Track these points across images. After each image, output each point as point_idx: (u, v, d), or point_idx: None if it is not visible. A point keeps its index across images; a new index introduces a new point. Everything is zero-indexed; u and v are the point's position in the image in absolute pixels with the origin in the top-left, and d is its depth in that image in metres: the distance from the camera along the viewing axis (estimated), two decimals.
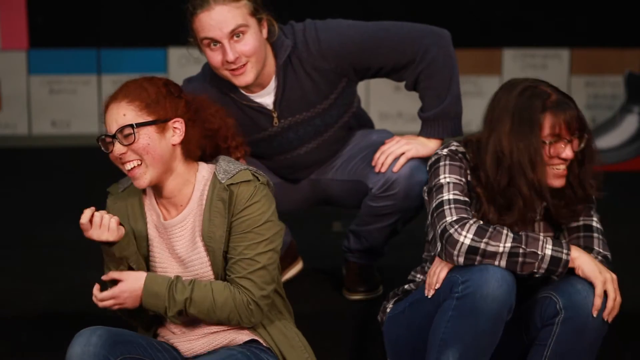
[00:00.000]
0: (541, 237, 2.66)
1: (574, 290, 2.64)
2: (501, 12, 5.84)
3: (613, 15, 5.90)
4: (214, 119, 2.81)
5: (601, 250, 2.81)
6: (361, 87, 5.12)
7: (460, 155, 2.79)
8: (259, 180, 2.71)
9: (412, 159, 3.15)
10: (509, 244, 2.62)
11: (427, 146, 3.17)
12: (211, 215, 2.70)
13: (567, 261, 2.64)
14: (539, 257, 2.63)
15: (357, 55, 3.13)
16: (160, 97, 2.72)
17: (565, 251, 2.65)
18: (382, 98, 5.79)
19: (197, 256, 2.74)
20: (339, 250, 3.47)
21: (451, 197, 2.72)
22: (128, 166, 2.69)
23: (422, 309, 2.73)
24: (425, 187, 2.88)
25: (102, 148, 2.72)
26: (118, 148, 2.67)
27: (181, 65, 6.29)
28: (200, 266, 2.74)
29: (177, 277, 2.70)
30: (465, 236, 2.63)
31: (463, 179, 2.76)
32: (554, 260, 2.64)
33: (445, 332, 2.62)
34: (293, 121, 3.18)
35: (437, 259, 2.73)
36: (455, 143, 2.83)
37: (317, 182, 3.33)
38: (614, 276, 2.68)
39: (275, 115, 3.16)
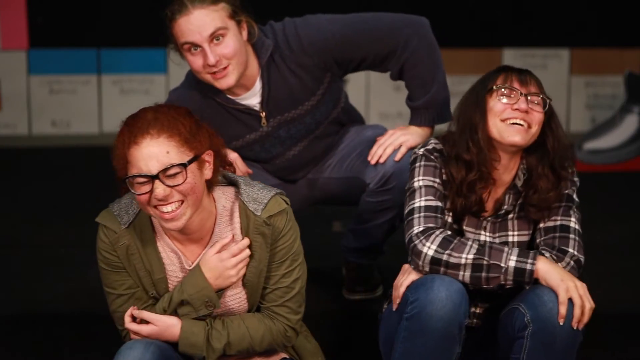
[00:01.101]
0: (506, 249, 2.64)
1: (540, 302, 2.61)
2: (501, 12, 5.83)
3: (613, 15, 5.90)
4: (217, 140, 2.60)
5: (575, 253, 2.75)
6: (361, 87, 5.10)
7: (435, 154, 2.80)
8: (287, 204, 2.61)
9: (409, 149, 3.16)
10: (471, 256, 2.62)
11: (421, 135, 3.20)
12: (252, 250, 2.57)
13: (532, 272, 2.63)
14: (503, 269, 2.62)
15: (338, 48, 3.14)
16: (194, 130, 2.48)
17: (530, 261, 2.63)
18: (382, 98, 5.79)
19: (232, 292, 2.62)
20: (339, 250, 3.47)
21: (422, 204, 2.73)
22: (168, 208, 2.44)
23: (392, 319, 2.74)
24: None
25: (132, 189, 2.43)
26: (161, 190, 2.40)
27: (181, 65, 6.29)
28: (237, 301, 2.64)
29: (211, 322, 2.58)
30: (429, 247, 2.65)
31: (437, 180, 2.77)
32: (519, 271, 2.62)
33: (400, 352, 2.63)
34: (282, 120, 3.18)
35: (402, 269, 2.76)
36: (433, 140, 2.84)
37: (315, 182, 3.33)
38: (579, 283, 2.64)
39: (263, 115, 3.16)
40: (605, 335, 3.32)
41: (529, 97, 2.70)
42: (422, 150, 2.81)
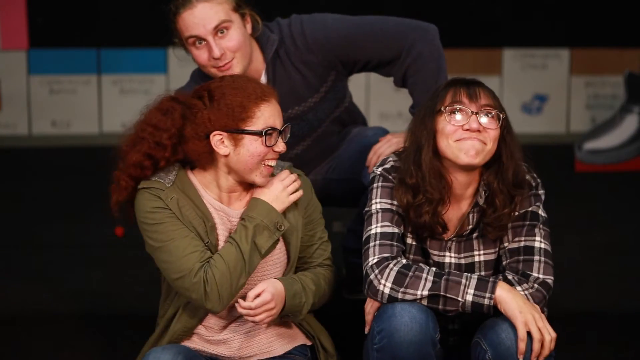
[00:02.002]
0: (463, 280, 2.57)
1: (498, 339, 2.55)
2: (501, 12, 5.83)
3: (613, 15, 5.90)
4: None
5: (540, 276, 2.64)
6: (361, 87, 5.09)
7: (393, 174, 2.73)
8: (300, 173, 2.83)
9: None
10: (426, 292, 2.56)
11: None
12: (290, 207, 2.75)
13: (490, 306, 2.56)
14: (460, 303, 2.56)
15: (342, 48, 3.13)
16: None
17: (488, 295, 2.55)
18: (382, 98, 5.79)
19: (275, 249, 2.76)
20: (339, 251, 3.47)
21: (378, 230, 2.68)
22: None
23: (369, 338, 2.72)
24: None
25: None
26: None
27: (181, 65, 6.28)
28: (278, 254, 2.77)
29: (297, 277, 2.75)
30: (385, 285, 2.59)
31: (395, 202, 2.70)
32: (476, 305, 2.56)
33: None
34: (286, 117, 3.18)
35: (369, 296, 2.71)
36: (391, 158, 2.78)
37: (315, 182, 3.33)
38: (538, 315, 2.53)
39: None
40: (606, 334, 3.32)
41: (479, 115, 2.61)
42: (379, 169, 2.76)
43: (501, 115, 2.63)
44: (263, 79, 3.14)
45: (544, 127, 5.84)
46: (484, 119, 2.62)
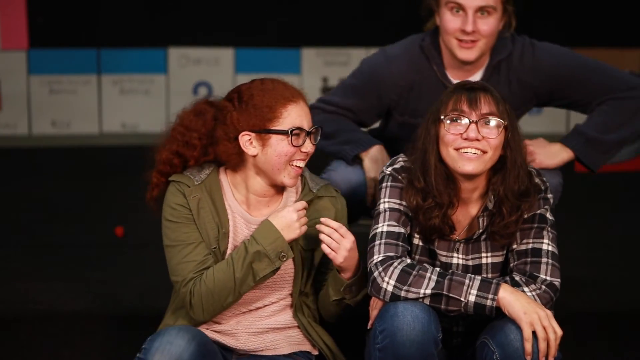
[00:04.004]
0: (467, 281, 2.56)
1: (506, 340, 2.55)
2: None
3: (613, 15, 5.90)
4: None
5: (547, 278, 2.64)
6: None
7: (403, 174, 2.74)
8: (337, 191, 2.86)
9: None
10: (429, 291, 2.57)
11: (554, 157, 3.17)
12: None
13: (493, 307, 2.55)
14: (462, 303, 2.56)
15: (564, 80, 3.14)
16: None
17: (490, 296, 2.54)
18: None
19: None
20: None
21: (385, 229, 2.69)
22: (300, 163, 2.73)
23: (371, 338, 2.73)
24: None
25: (288, 140, 2.68)
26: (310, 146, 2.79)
27: (181, 65, 6.29)
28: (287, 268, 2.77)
29: None
30: (388, 282, 2.60)
31: (403, 202, 2.71)
32: (479, 306, 2.56)
33: None
34: None
35: None
36: (401, 158, 2.78)
37: None
38: (543, 313, 2.52)
39: None
40: (607, 334, 3.32)
41: (479, 123, 2.60)
42: (389, 169, 2.76)
43: (503, 123, 2.63)
44: (476, 78, 3.12)
45: (544, 127, 5.85)
46: (484, 128, 2.62)
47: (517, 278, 2.64)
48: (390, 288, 2.59)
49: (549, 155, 3.16)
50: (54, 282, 3.54)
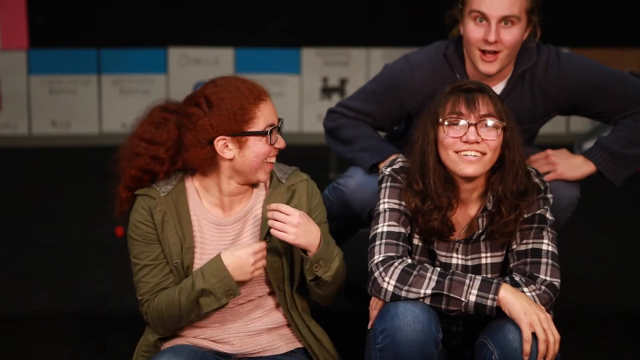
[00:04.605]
0: (467, 281, 2.57)
1: (505, 341, 2.55)
2: None
3: (613, 15, 5.90)
4: None
5: (547, 278, 2.64)
6: None
7: (403, 175, 2.74)
8: (307, 176, 2.83)
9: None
10: (429, 291, 2.57)
11: (576, 170, 3.14)
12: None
13: (493, 307, 2.56)
14: (463, 303, 2.56)
15: (587, 93, 3.12)
16: None
17: (491, 296, 2.54)
18: None
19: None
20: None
21: (385, 229, 2.69)
22: None
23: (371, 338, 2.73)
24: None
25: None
26: None
27: (181, 65, 6.29)
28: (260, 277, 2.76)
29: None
30: (389, 283, 2.60)
31: (403, 202, 2.71)
32: (479, 306, 2.56)
33: None
34: None
35: None
36: (400, 159, 2.78)
37: None
38: (543, 315, 2.53)
39: None
40: (606, 334, 3.32)
41: (478, 125, 2.60)
42: (388, 170, 2.76)
43: (502, 124, 2.63)
44: (500, 87, 3.12)
45: (544, 127, 5.84)
46: (483, 130, 2.62)
47: (517, 279, 2.64)
48: (390, 288, 2.59)
49: (571, 167, 3.15)
50: (54, 282, 3.54)
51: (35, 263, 3.80)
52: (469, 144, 2.60)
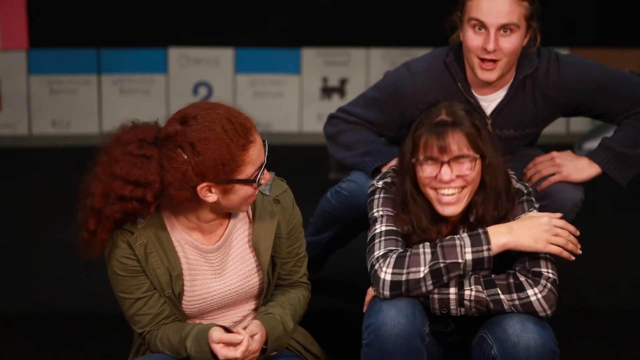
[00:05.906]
0: (457, 242, 2.58)
1: (505, 335, 2.57)
2: None
3: (613, 15, 5.90)
4: None
5: (550, 275, 2.66)
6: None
7: (394, 188, 2.76)
8: (286, 183, 2.74)
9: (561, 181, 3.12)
10: (427, 267, 2.58)
11: (581, 172, 3.15)
12: (262, 226, 2.67)
13: (490, 257, 2.58)
14: (461, 264, 2.58)
15: (589, 95, 3.12)
16: None
17: (485, 247, 2.57)
18: None
19: (249, 267, 2.70)
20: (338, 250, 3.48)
21: (383, 229, 2.70)
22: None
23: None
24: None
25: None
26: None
27: (181, 65, 6.29)
28: (254, 276, 2.71)
29: (274, 313, 2.66)
30: (386, 272, 2.60)
31: (396, 211, 2.73)
32: (477, 261, 2.58)
33: None
34: (502, 135, 3.16)
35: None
36: (391, 174, 2.80)
37: None
38: (547, 226, 2.58)
39: (489, 122, 3.14)
40: (606, 334, 3.32)
41: (451, 163, 2.62)
42: (380, 183, 2.78)
43: (477, 157, 2.64)
44: (501, 93, 3.12)
45: None
46: (456, 166, 2.64)
47: (522, 279, 2.65)
48: (388, 277, 2.60)
49: (576, 169, 3.15)
50: (54, 282, 3.54)
51: (35, 263, 3.80)
52: (444, 182, 2.63)
